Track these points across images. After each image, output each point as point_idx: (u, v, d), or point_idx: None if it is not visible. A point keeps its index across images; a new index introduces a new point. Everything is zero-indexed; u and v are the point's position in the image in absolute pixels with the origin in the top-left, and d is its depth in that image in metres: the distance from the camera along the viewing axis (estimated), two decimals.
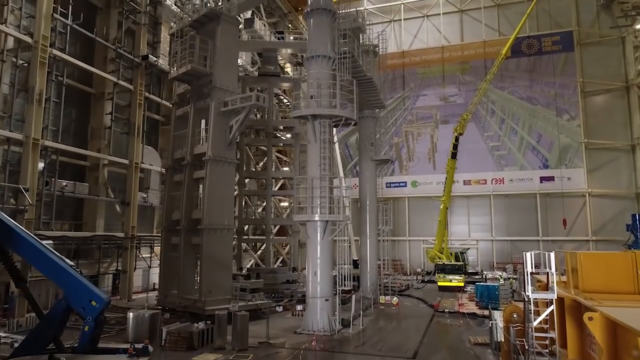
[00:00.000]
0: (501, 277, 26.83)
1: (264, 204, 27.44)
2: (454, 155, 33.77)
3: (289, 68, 46.97)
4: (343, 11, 19.31)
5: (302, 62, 28.20)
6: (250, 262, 41.49)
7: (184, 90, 20.91)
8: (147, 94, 27.42)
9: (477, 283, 22.36)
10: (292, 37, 47.08)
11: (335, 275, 16.51)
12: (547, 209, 40.63)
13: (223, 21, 19.26)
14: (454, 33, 46.32)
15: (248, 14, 34.71)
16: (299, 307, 18.50)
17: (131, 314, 14.22)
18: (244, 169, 27.03)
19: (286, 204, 45.17)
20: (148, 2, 27.43)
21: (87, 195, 23.63)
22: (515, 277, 37.49)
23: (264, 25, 40.18)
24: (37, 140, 19.88)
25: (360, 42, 22.78)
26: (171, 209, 20.30)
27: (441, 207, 34.88)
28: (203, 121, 20.30)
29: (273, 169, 28.94)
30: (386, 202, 25.25)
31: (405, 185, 44.10)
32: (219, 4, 20.26)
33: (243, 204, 27.03)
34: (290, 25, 46.09)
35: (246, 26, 36.44)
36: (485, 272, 37.12)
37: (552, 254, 8.06)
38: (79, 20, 22.64)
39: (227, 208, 18.64)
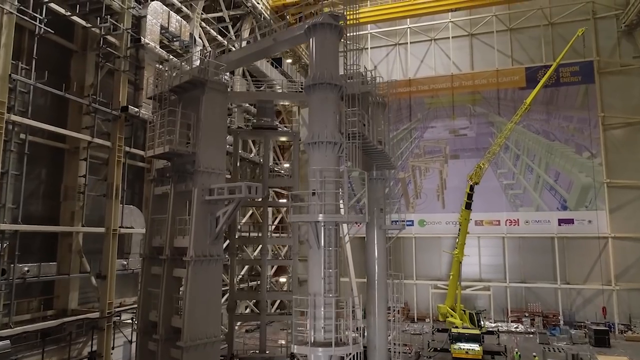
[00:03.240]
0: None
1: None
2: (468, 206, 30.74)
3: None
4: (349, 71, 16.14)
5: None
6: (247, 308, 38.64)
7: (164, 166, 17.94)
8: (127, 149, 24.37)
9: None
10: (289, 61, 44.32)
11: None
12: (565, 252, 37.79)
13: (209, 89, 16.28)
14: (463, 58, 43.38)
15: (244, 44, 31.71)
16: None
17: None
18: (237, 235, 24.09)
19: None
20: (128, 45, 24.33)
21: (55, 275, 20.64)
22: (532, 331, 34.87)
23: None
24: None
25: (370, 102, 19.71)
26: (148, 308, 17.31)
27: (454, 260, 31.82)
28: (187, 202, 17.32)
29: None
30: (397, 277, 22.32)
31: (412, 224, 41.11)
32: (205, 60, 17.22)
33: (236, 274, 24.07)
34: (288, 50, 43.09)
35: None
36: (499, 327, 34.40)
37: None
38: (43, 79, 19.57)
39: (212, 316, 15.70)
